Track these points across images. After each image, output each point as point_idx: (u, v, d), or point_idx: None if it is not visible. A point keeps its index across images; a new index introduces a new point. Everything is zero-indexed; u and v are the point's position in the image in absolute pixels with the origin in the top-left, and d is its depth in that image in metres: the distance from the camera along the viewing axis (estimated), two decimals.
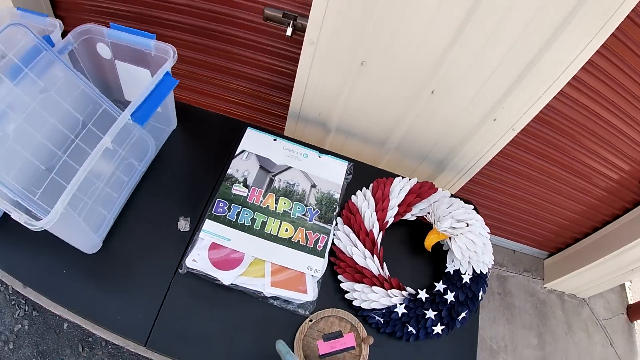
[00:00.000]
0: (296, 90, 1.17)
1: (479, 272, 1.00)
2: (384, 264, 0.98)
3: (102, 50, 0.96)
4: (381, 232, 1.01)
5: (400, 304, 0.93)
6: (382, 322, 0.93)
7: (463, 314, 0.97)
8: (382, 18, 0.94)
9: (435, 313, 0.94)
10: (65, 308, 0.85)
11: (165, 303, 0.87)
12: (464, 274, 0.99)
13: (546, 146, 1.40)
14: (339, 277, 0.96)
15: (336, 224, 1.02)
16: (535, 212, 1.71)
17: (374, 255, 0.96)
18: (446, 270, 1.02)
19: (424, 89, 1.06)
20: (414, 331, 0.93)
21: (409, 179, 1.11)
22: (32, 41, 0.79)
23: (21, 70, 0.77)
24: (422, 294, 0.96)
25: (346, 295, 0.94)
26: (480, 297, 1.01)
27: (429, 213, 1.03)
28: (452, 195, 1.10)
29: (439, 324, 0.94)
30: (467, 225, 0.97)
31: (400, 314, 0.92)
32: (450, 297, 0.96)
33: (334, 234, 1.00)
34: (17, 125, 0.77)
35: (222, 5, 1.18)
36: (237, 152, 1.07)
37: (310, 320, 0.90)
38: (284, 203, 1.01)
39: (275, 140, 1.12)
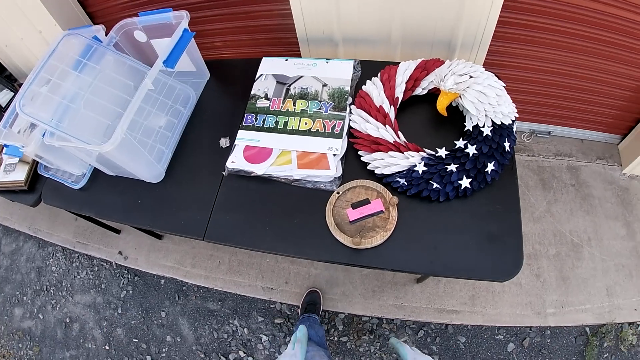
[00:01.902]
0: (296, 17, 1.28)
1: (499, 123, 0.99)
2: (400, 133, 1.03)
3: (139, 36, 1.20)
4: (392, 107, 1.06)
5: (420, 163, 0.98)
6: (406, 183, 0.98)
7: (491, 166, 0.97)
8: None
9: (458, 166, 0.97)
10: (142, 227, 1.08)
11: (215, 203, 1.05)
12: (483, 127, 0.99)
13: (569, 6, 1.25)
14: (359, 152, 1.04)
15: (350, 111, 1.10)
16: (591, 89, 1.53)
17: (387, 126, 1.02)
18: (465, 129, 1.03)
19: None
20: (439, 187, 0.96)
21: (416, 60, 1.14)
22: (85, 42, 1.04)
23: (81, 62, 1.02)
24: (442, 152, 0.99)
25: (368, 167, 1.02)
26: (507, 149, 0.99)
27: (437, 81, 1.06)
28: None
29: (464, 177, 0.96)
30: (471, 77, 0.98)
31: (420, 172, 0.97)
32: (471, 150, 0.98)
33: (349, 119, 1.09)
34: (86, 99, 1.01)
35: None
36: (256, 77, 1.22)
37: (338, 193, 0.99)
38: (301, 104, 1.13)
39: (286, 60, 1.24)
